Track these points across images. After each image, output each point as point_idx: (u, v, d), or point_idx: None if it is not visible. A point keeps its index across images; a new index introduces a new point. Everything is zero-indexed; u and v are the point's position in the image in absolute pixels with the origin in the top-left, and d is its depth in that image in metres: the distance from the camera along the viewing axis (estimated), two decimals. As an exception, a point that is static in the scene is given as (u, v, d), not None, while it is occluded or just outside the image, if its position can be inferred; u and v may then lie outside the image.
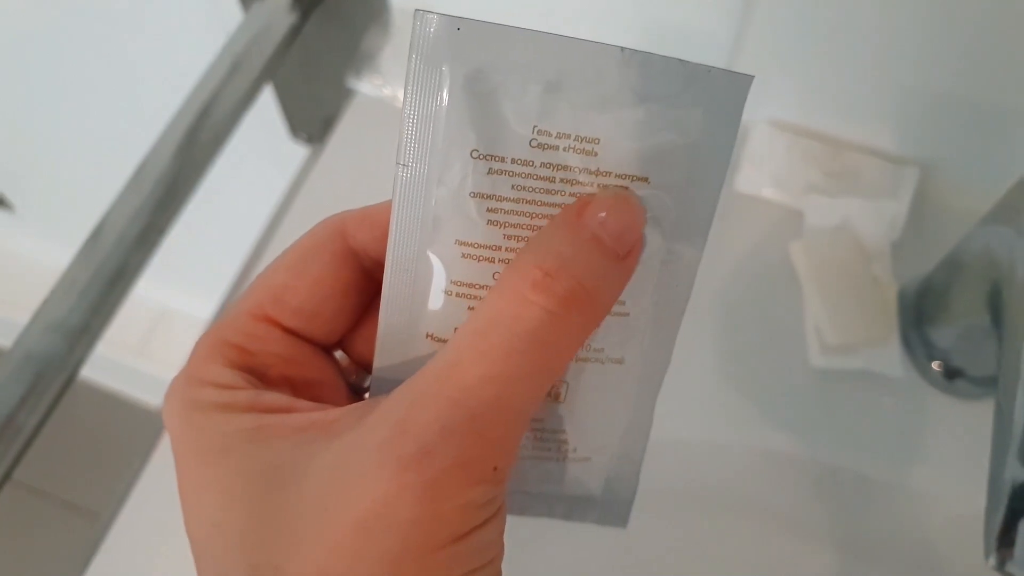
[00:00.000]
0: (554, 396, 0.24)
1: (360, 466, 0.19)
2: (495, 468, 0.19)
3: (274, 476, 0.19)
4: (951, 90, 0.44)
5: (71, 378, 0.40)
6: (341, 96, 0.55)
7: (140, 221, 0.43)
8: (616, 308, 0.23)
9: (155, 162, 0.45)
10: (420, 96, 0.21)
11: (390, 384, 0.22)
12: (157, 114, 0.49)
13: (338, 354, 0.25)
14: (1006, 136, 0.45)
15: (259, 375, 0.22)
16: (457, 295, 0.22)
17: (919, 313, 0.43)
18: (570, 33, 0.20)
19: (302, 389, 0.23)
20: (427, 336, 0.23)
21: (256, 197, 0.65)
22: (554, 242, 0.21)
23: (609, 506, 0.26)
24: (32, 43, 0.69)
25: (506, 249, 0.22)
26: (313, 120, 0.62)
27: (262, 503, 0.19)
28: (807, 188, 0.47)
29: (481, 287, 0.22)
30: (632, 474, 0.25)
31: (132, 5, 0.60)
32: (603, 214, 0.21)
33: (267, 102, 0.61)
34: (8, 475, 0.38)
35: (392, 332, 0.23)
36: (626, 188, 0.22)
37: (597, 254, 0.21)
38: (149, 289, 0.71)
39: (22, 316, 0.40)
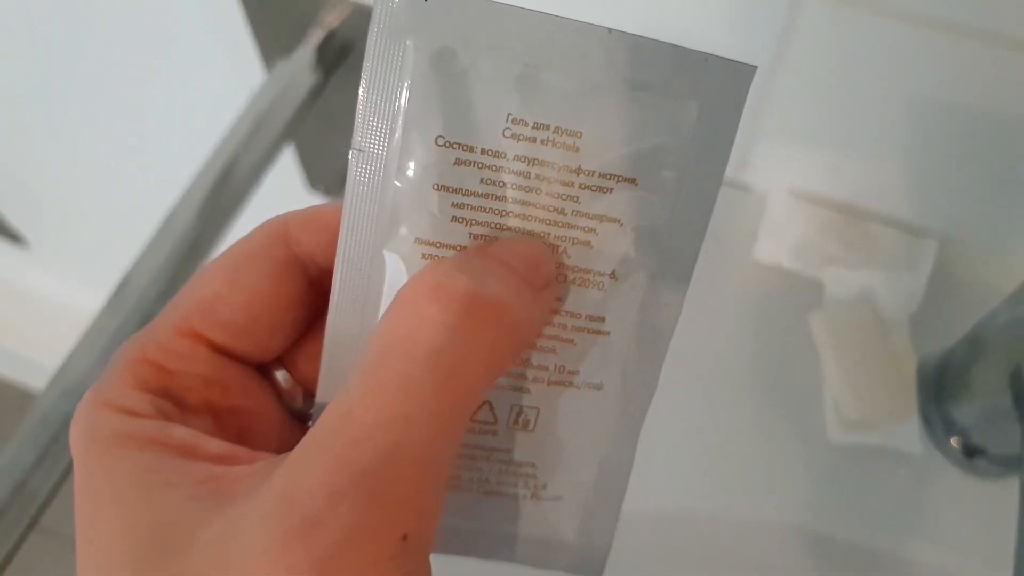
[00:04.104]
0: (523, 424, 0.21)
1: (244, 542, 0.16)
2: (404, 536, 0.16)
3: (162, 537, 0.17)
4: (971, 163, 0.45)
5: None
6: (361, 152, 0.55)
7: (162, 280, 0.44)
8: (596, 327, 0.20)
9: (177, 221, 0.45)
10: (380, 73, 0.18)
11: None
12: (178, 164, 0.49)
13: (282, 375, 0.22)
14: (1025, 211, 0.45)
15: (177, 400, 0.19)
16: None
17: (939, 388, 0.43)
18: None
19: (226, 418, 0.20)
20: None
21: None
22: (458, 258, 0.18)
23: (582, 552, 0.23)
24: (57, 93, 0.70)
25: None
26: (331, 173, 0.62)
27: (146, 567, 0.16)
28: (826, 259, 0.47)
29: None
30: (609, 517, 0.22)
31: (158, 61, 0.61)
32: (508, 247, 0.19)
33: (286, 153, 0.61)
34: (23, 538, 0.38)
35: (340, 342, 0.20)
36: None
37: (507, 271, 0.18)
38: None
39: (35, 351, 0.40)
